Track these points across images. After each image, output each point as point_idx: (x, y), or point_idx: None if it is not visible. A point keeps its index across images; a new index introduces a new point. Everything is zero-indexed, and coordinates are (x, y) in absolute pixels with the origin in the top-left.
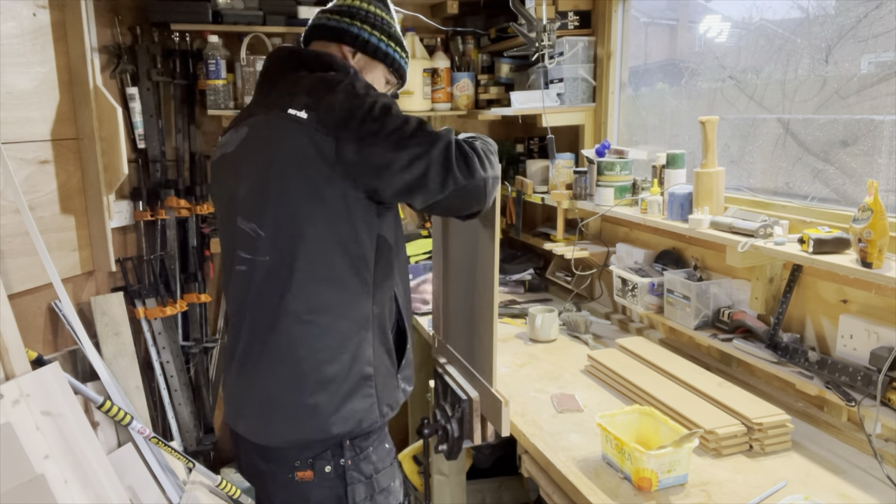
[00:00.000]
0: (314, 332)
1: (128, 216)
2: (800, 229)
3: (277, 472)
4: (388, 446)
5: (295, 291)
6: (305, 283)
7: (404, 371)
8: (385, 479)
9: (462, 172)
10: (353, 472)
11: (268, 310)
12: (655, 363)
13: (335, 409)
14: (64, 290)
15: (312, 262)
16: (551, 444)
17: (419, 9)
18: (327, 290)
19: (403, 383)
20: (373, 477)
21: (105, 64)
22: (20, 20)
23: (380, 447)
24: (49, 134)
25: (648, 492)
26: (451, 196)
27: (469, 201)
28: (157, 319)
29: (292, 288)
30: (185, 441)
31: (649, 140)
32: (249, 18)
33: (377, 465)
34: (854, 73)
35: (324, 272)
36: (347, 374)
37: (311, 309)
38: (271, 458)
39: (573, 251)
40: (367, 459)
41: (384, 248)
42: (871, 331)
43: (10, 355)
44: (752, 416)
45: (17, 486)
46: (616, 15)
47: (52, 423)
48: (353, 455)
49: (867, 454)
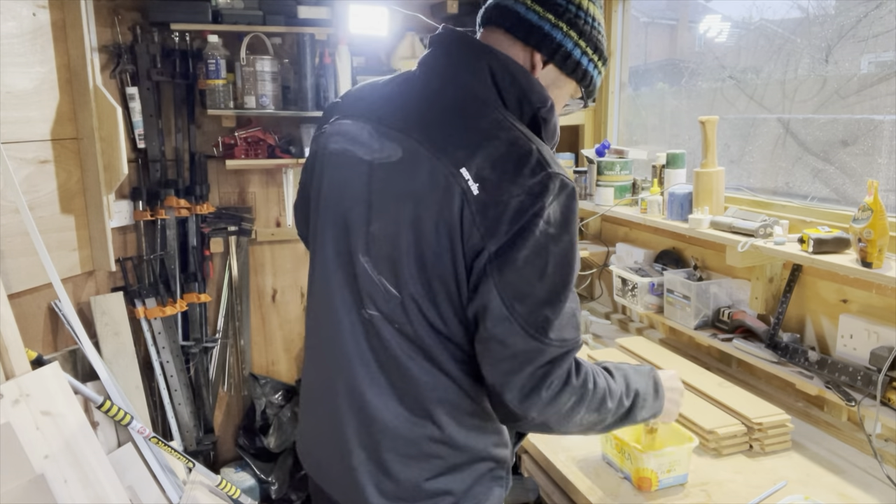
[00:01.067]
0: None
1: (128, 216)
2: (800, 229)
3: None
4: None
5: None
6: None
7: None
8: None
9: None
10: None
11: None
12: (655, 363)
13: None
14: (64, 290)
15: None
16: (551, 444)
17: (419, 9)
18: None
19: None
20: None
21: (105, 64)
22: (20, 20)
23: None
24: (49, 134)
25: (648, 491)
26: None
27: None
28: (157, 319)
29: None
30: (185, 441)
31: (649, 140)
32: (249, 18)
33: None
34: (854, 73)
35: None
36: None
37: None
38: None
39: None
40: None
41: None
42: (871, 330)
43: (10, 355)
44: (752, 415)
45: (17, 486)
46: (616, 15)
47: (52, 423)
48: None
49: (867, 454)
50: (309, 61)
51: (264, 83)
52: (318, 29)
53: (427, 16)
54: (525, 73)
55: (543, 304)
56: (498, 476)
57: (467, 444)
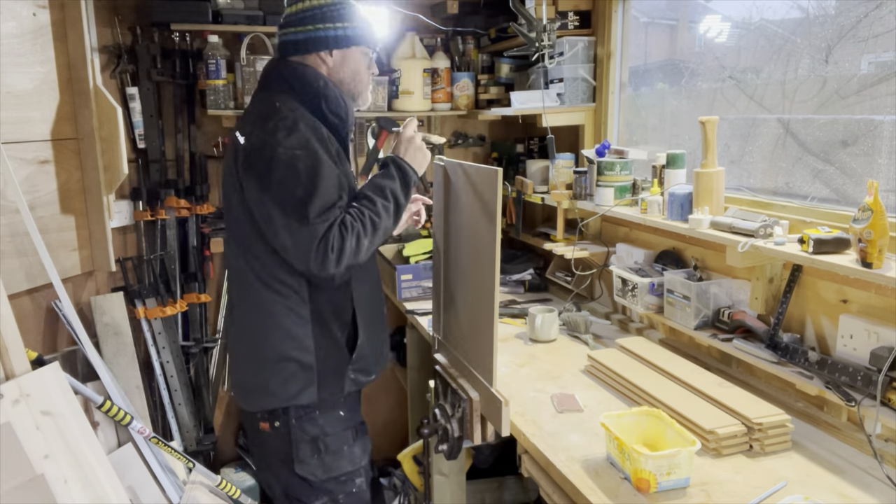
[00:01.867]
0: (258, 323)
1: (128, 216)
2: (800, 229)
3: (249, 419)
4: (344, 414)
5: (238, 288)
6: (245, 282)
7: (357, 363)
8: (334, 443)
9: (316, 262)
10: (298, 430)
11: (232, 292)
12: (655, 363)
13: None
14: (64, 290)
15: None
16: (551, 444)
17: (419, 9)
18: (260, 289)
19: (355, 374)
20: (319, 438)
21: (105, 64)
22: (20, 20)
23: (328, 414)
24: (49, 134)
25: (647, 493)
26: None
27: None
28: (157, 319)
29: (234, 284)
30: (185, 441)
31: (649, 140)
32: (249, 18)
33: (324, 428)
34: (854, 73)
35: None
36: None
37: (252, 307)
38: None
39: (573, 251)
40: (312, 422)
41: None
42: (871, 331)
43: (10, 355)
44: (752, 416)
45: (17, 486)
46: (616, 15)
47: (52, 423)
48: (297, 416)
49: (867, 454)
50: None
51: None
52: None
53: (427, 16)
54: (294, 69)
55: (303, 198)
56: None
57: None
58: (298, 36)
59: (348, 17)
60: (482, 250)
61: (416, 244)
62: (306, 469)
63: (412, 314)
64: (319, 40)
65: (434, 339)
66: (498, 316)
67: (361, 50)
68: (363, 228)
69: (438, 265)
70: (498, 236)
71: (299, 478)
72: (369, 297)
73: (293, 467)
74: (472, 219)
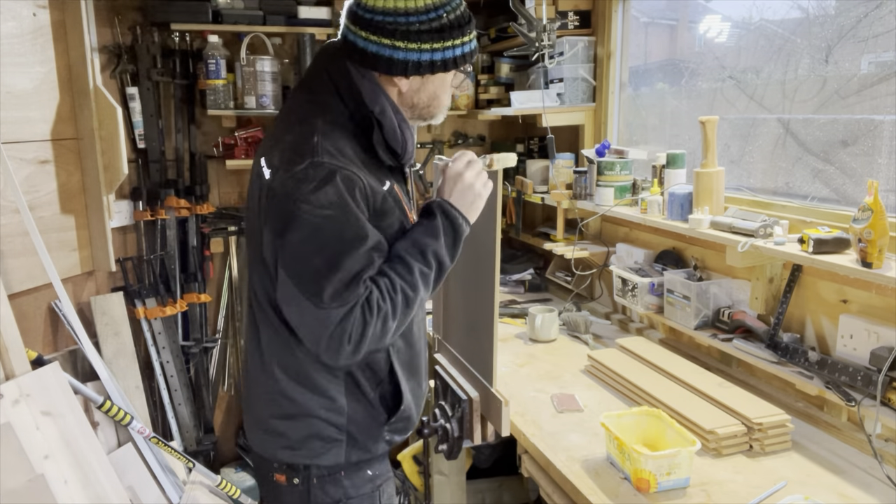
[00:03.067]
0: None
1: (128, 216)
2: (800, 229)
3: (263, 465)
4: (372, 473)
5: (261, 326)
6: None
7: (395, 424)
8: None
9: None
10: (319, 491)
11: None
12: (655, 363)
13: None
14: (64, 290)
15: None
16: (551, 444)
17: None
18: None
19: (391, 434)
20: (342, 502)
21: (105, 64)
22: (20, 20)
23: (355, 475)
24: (49, 134)
25: (647, 493)
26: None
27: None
28: (157, 319)
29: (257, 321)
30: (185, 441)
31: (649, 140)
32: (249, 18)
33: (348, 490)
34: (854, 73)
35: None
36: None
37: (277, 351)
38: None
39: (573, 251)
40: (336, 483)
41: None
42: (871, 331)
43: (10, 355)
44: (752, 416)
45: (17, 486)
46: (616, 15)
47: (52, 423)
48: (319, 475)
49: (867, 454)
50: (309, 61)
51: (264, 83)
52: (318, 29)
53: None
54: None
55: (322, 274)
56: (334, 438)
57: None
58: (370, 47)
59: (447, 34)
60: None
61: None
62: None
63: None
64: (396, 64)
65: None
66: (498, 316)
67: (442, 79)
68: (392, 309)
69: None
70: (498, 236)
71: None
72: (411, 345)
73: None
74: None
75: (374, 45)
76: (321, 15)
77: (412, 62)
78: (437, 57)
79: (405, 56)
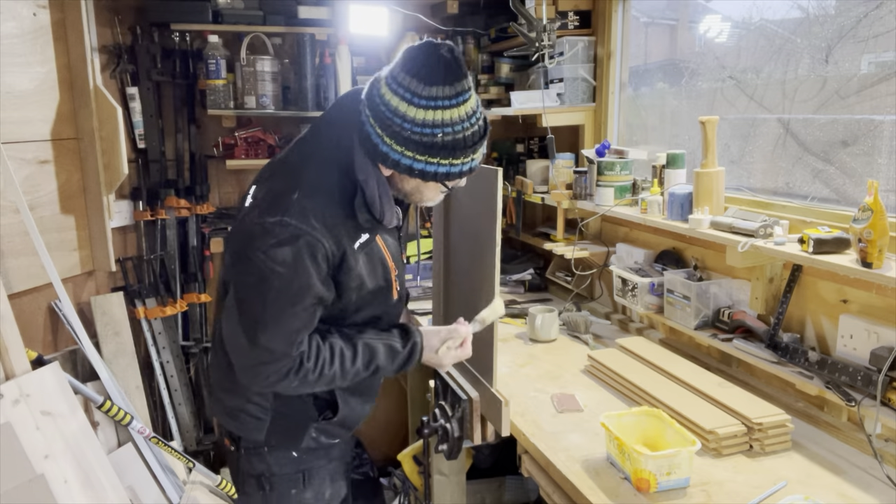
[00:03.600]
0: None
1: (128, 216)
2: (800, 229)
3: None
4: (297, 456)
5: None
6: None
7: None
8: (281, 485)
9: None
10: (245, 461)
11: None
12: (655, 363)
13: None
14: (64, 290)
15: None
16: (551, 444)
17: (419, 9)
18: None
19: (318, 433)
20: (262, 476)
21: (105, 64)
22: (20, 20)
23: (278, 453)
24: (49, 134)
25: (647, 493)
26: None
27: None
28: (157, 319)
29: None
30: (185, 441)
31: (649, 140)
32: (249, 18)
33: (272, 467)
34: (854, 73)
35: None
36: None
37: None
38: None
39: (573, 251)
40: (260, 457)
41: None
42: (871, 331)
43: (10, 355)
44: (752, 416)
45: (17, 486)
46: (616, 15)
47: (52, 423)
48: (246, 446)
49: (867, 454)
50: (309, 61)
51: (264, 83)
52: (318, 29)
53: (427, 16)
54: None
55: (260, 321)
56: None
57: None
58: (366, 125)
59: (435, 152)
60: (482, 250)
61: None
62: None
63: (412, 314)
64: (378, 153)
65: None
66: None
67: (435, 185)
68: (316, 378)
69: (438, 265)
70: (498, 236)
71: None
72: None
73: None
74: (472, 219)
75: (370, 126)
76: (321, 15)
77: (392, 159)
78: (418, 167)
79: (387, 150)
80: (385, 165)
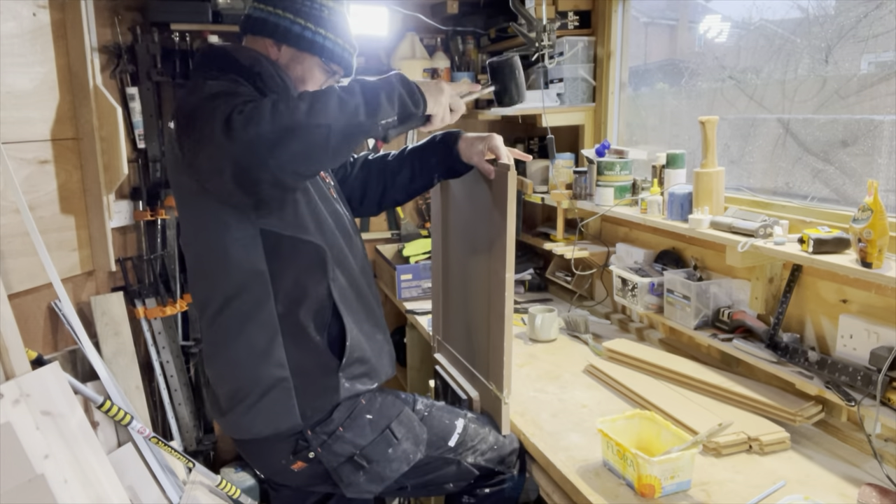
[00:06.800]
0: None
1: (128, 216)
2: (800, 229)
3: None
4: (371, 417)
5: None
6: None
7: (350, 369)
8: (375, 451)
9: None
10: (329, 456)
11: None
12: (655, 363)
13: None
14: (64, 290)
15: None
16: (551, 444)
17: (419, 9)
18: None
19: (352, 381)
20: (354, 456)
21: (105, 64)
22: (20, 20)
23: (353, 424)
24: (49, 134)
25: (651, 498)
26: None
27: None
28: (156, 319)
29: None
30: (185, 441)
31: (649, 140)
32: None
33: (356, 441)
34: (854, 73)
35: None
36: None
37: (215, 313)
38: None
39: (573, 251)
40: (340, 440)
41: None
42: (871, 331)
43: (10, 355)
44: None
45: (17, 486)
46: (616, 15)
47: (52, 423)
48: (320, 442)
49: (867, 454)
50: None
51: None
52: None
53: (427, 16)
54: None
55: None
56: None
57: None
58: (254, 13)
59: (315, 18)
60: (482, 250)
61: (415, 244)
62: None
63: (412, 314)
64: (269, 25)
65: (434, 339)
66: (512, 320)
67: (317, 62)
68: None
69: (438, 265)
70: (511, 236)
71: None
72: (354, 286)
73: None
74: (471, 218)
75: (259, 10)
76: None
77: (281, 27)
78: (295, 29)
79: (276, 20)
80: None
